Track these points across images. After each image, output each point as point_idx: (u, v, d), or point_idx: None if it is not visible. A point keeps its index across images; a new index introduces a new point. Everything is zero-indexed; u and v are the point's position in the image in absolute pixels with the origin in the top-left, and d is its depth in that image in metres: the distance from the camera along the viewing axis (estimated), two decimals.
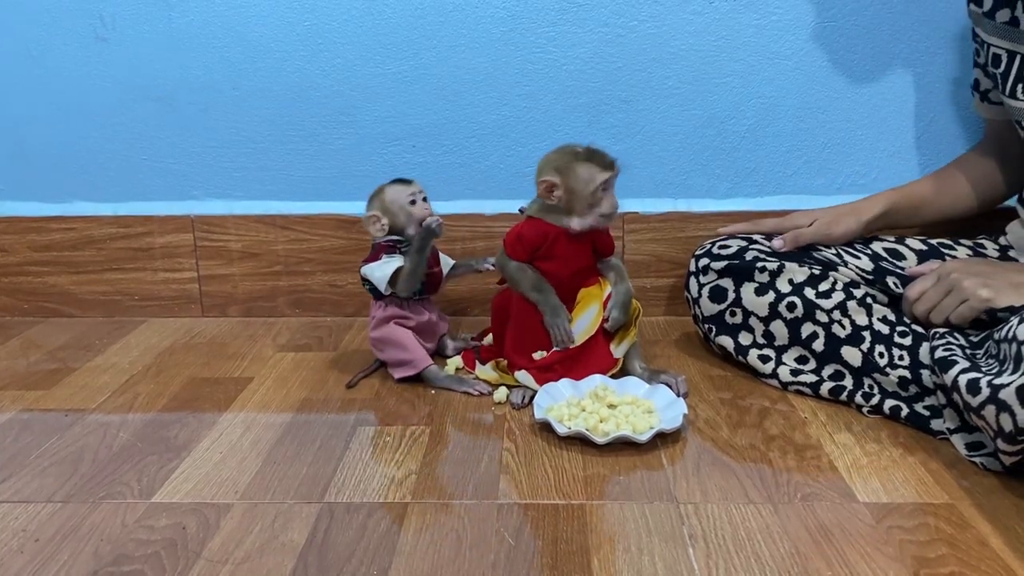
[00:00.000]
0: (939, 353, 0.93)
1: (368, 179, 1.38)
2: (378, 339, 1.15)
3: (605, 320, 1.10)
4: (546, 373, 1.09)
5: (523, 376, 1.10)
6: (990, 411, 0.82)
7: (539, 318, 1.10)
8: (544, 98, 1.35)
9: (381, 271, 1.13)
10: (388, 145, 1.38)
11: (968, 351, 0.94)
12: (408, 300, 1.16)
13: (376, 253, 1.15)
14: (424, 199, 1.16)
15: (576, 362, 1.09)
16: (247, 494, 0.88)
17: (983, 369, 0.86)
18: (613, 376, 1.09)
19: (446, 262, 1.21)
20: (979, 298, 0.97)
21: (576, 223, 1.08)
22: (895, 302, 1.09)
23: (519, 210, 1.14)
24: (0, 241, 1.43)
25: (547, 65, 1.34)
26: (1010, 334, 0.85)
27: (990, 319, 0.97)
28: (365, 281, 1.16)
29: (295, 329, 1.38)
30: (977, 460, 0.91)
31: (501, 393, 1.09)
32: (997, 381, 0.82)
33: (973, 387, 0.84)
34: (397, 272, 1.13)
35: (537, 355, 1.09)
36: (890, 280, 1.09)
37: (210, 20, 1.34)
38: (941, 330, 0.99)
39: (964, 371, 0.87)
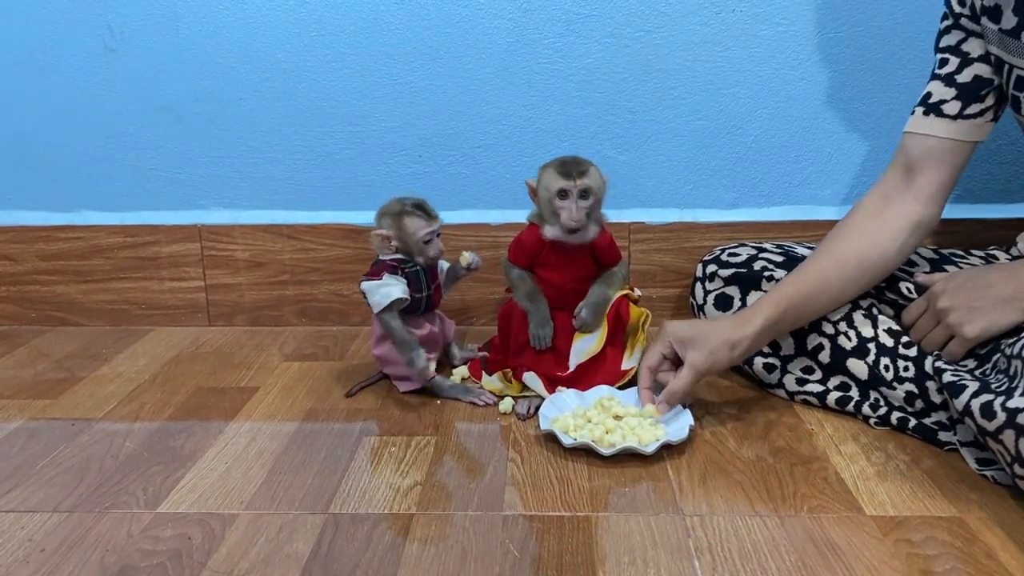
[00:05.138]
0: (947, 378, 0.91)
1: (374, 189, 1.39)
2: (380, 356, 1.15)
3: (574, 317, 1.09)
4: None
5: (531, 379, 1.10)
6: (1009, 436, 0.81)
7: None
8: (550, 109, 1.35)
9: (380, 295, 1.09)
10: (394, 155, 1.38)
11: (976, 371, 0.94)
12: (409, 315, 1.14)
13: (378, 270, 1.12)
14: (439, 235, 1.12)
15: (584, 376, 1.09)
16: (252, 504, 0.88)
17: (993, 387, 0.86)
18: (620, 386, 1.09)
19: (441, 267, 1.19)
20: (964, 337, 0.96)
21: (548, 231, 1.07)
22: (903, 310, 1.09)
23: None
24: (8, 250, 1.44)
25: (553, 76, 1.34)
26: (1022, 351, 0.84)
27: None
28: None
29: (301, 338, 1.38)
30: (988, 474, 0.91)
31: (507, 403, 1.09)
32: (1011, 404, 0.81)
33: (987, 411, 0.83)
34: (394, 300, 1.09)
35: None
36: (903, 286, 1.09)
37: (217, 31, 1.35)
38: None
39: (975, 394, 0.86)
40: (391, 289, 1.09)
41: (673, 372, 1.04)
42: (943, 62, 1.06)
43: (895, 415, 1.02)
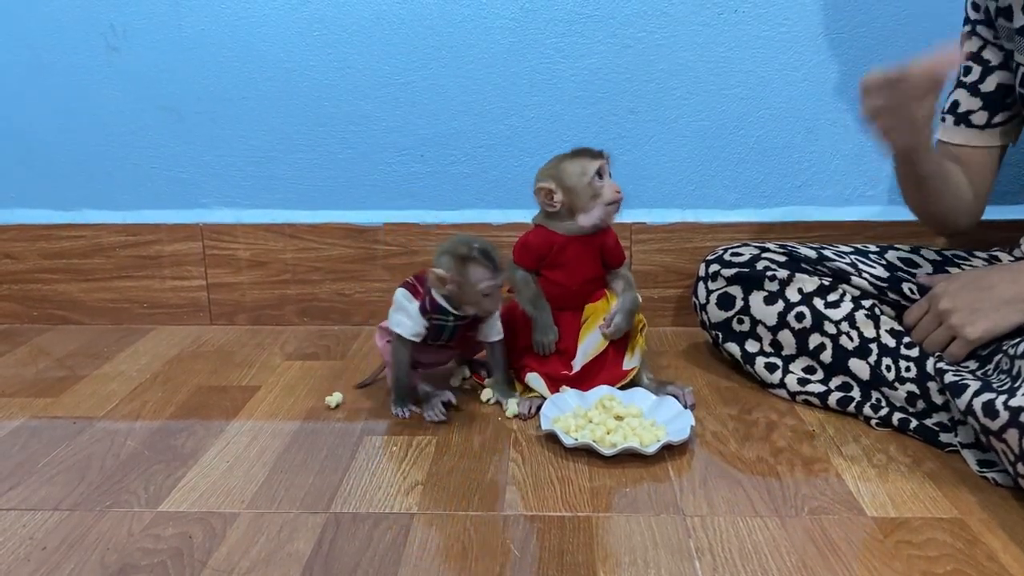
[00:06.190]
0: (949, 378, 0.92)
1: (376, 188, 1.39)
2: (381, 349, 1.12)
3: (607, 326, 1.09)
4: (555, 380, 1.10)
5: (533, 379, 1.10)
6: (1012, 435, 0.81)
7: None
8: (552, 109, 1.35)
9: (395, 320, 1.05)
10: (397, 155, 1.38)
11: (978, 371, 0.94)
12: (429, 344, 1.08)
13: (418, 290, 1.05)
14: (499, 287, 1.04)
15: (586, 377, 1.09)
16: (253, 503, 0.88)
17: (995, 386, 0.86)
18: (621, 387, 1.09)
19: (490, 331, 1.09)
20: (966, 339, 0.97)
21: (584, 220, 1.07)
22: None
23: (532, 219, 1.14)
24: (10, 248, 1.44)
25: (555, 76, 1.34)
26: None
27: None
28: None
29: (303, 338, 1.39)
30: (989, 476, 0.91)
31: (512, 407, 1.08)
32: (1014, 402, 0.81)
33: (990, 410, 0.83)
34: (401, 336, 1.04)
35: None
36: (906, 287, 1.09)
37: (219, 30, 1.35)
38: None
39: (977, 393, 0.86)
40: (404, 322, 1.04)
41: None
42: (967, 70, 1.10)
43: (896, 416, 1.02)
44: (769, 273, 1.12)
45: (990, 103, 1.09)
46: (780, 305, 1.11)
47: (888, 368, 1.03)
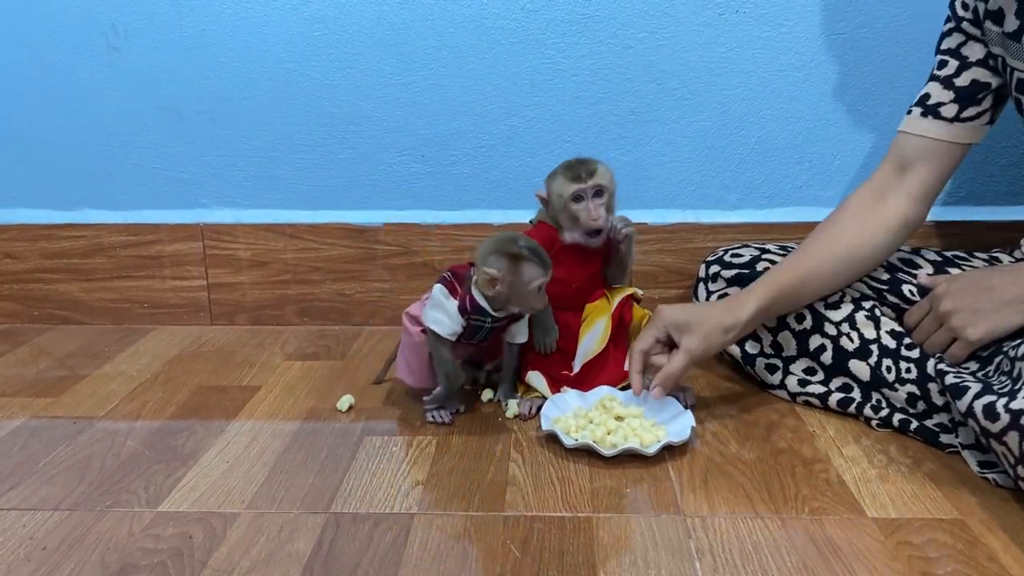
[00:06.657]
0: (950, 379, 0.91)
1: (377, 188, 1.39)
2: (409, 347, 1.08)
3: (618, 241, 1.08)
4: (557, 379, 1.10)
5: (534, 378, 1.10)
6: (1013, 438, 0.81)
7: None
8: (553, 109, 1.35)
9: (432, 318, 1.02)
10: (398, 155, 1.38)
11: (978, 372, 0.94)
12: (461, 342, 1.06)
13: (457, 289, 1.03)
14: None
15: (587, 377, 1.09)
16: (254, 503, 0.88)
17: (995, 388, 0.85)
18: (621, 387, 1.09)
19: (518, 332, 1.08)
20: (968, 340, 0.96)
21: (567, 236, 1.08)
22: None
23: (530, 221, 1.14)
24: (11, 248, 1.44)
25: (556, 76, 1.34)
26: None
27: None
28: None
29: (303, 338, 1.39)
30: (990, 477, 0.91)
31: (513, 408, 1.08)
32: (1015, 405, 0.81)
33: (990, 412, 0.83)
34: (437, 334, 1.02)
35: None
36: (906, 289, 1.09)
37: (220, 30, 1.35)
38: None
39: (978, 396, 0.86)
40: (442, 320, 1.02)
41: (666, 355, 1.04)
42: (942, 64, 1.07)
43: (897, 416, 1.02)
44: None
45: (962, 97, 1.06)
46: None
47: (888, 369, 1.03)
